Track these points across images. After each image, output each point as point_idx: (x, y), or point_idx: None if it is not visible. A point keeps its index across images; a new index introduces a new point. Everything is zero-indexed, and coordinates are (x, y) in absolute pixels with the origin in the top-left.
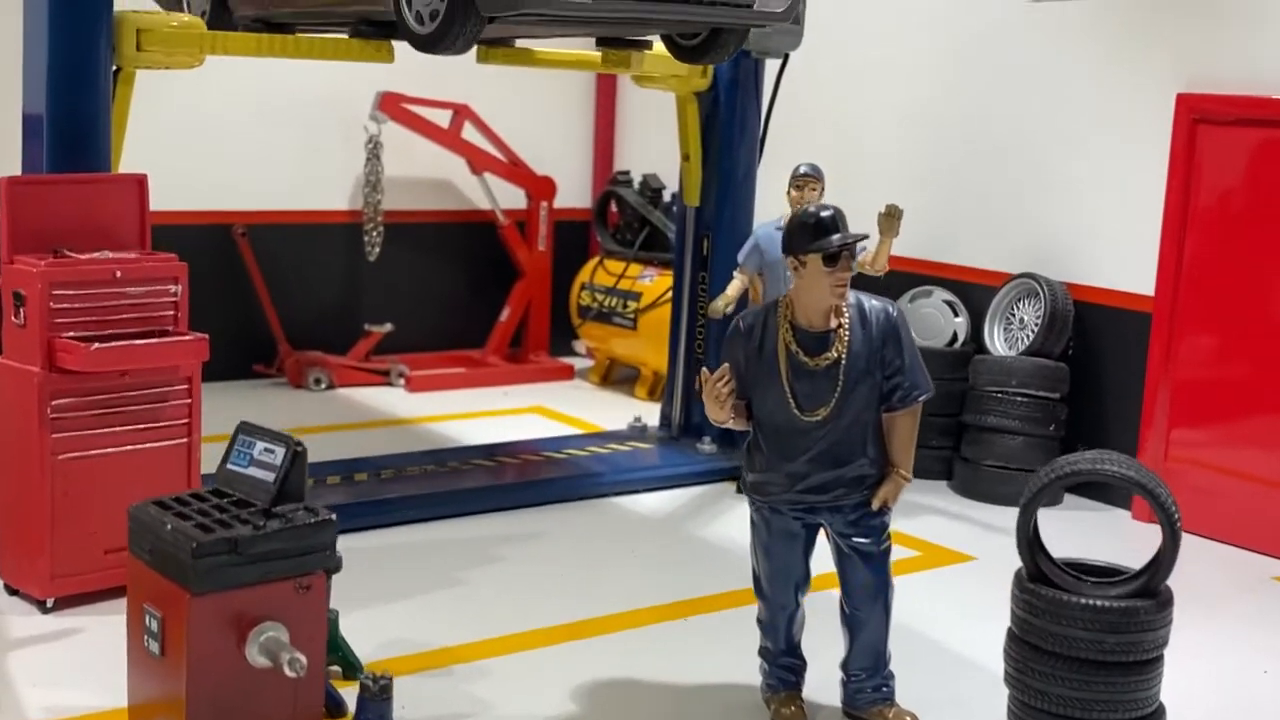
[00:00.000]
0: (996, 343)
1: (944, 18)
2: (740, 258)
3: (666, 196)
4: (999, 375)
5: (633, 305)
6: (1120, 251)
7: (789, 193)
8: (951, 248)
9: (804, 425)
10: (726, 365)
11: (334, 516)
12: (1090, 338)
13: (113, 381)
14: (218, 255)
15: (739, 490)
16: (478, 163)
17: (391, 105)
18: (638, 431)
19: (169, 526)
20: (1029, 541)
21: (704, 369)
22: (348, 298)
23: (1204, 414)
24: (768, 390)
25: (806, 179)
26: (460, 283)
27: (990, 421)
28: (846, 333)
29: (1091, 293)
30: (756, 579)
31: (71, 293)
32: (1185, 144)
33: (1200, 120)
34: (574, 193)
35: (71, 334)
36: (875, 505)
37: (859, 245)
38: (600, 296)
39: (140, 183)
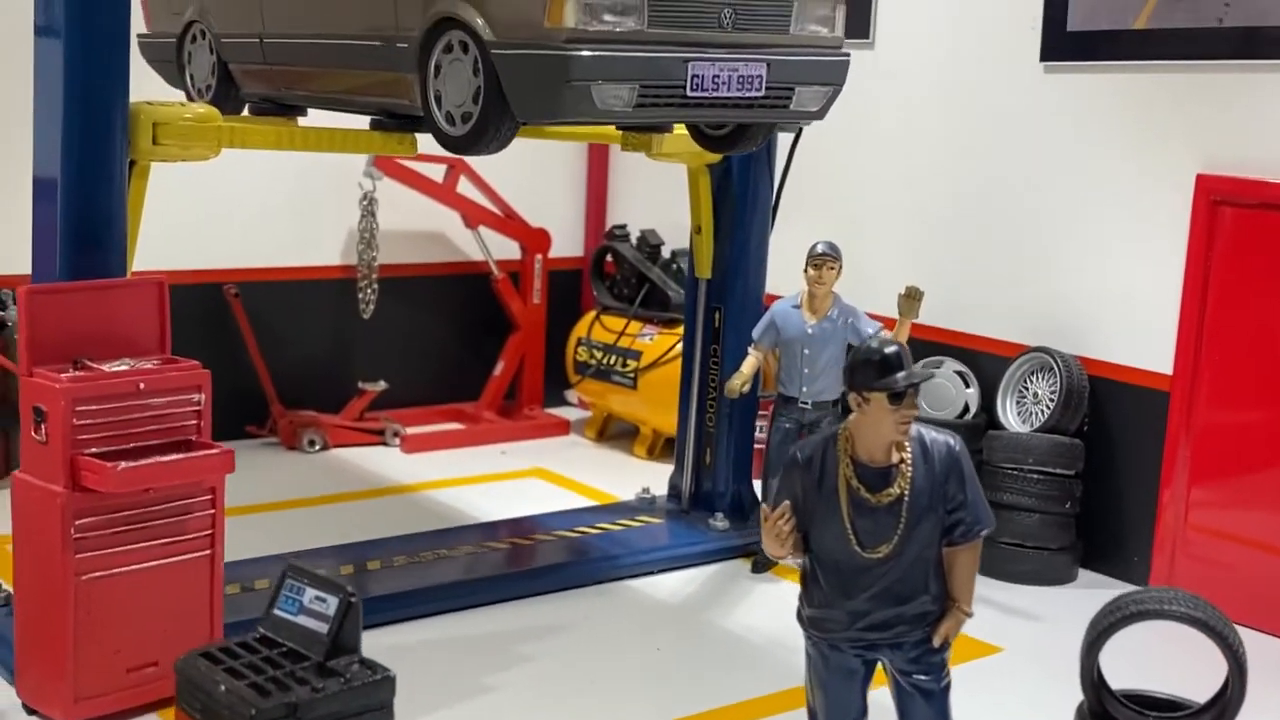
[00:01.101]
0: (1009, 417)
1: (957, 87)
2: (755, 335)
3: (665, 253)
4: (1015, 453)
5: (632, 364)
6: (1136, 328)
7: (806, 271)
8: (962, 317)
9: (865, 562)
10: (787, 504)
11: (393, 674)
12: (1105, 414)
13: (137, 498)
14: (209, 314)
15: (754, 569)
16: (473, 217)
17: (386, 161)
18: (646, 503)
19: (223, 688)
20: (1094, 683)
21: (763, 505)
22: (340, 353)
23: (1222, 495)
24: (827, 525)
25: (824, 258)
26: (453, 335)
27: (1006, 499)
28: (909, 468)
29: (1106, 368)
30: (812, 713)
31: (94, 408)
32: (1205, 225)
33: (1220, 202)
34: (567, 242)
35: (94, 450)
36: (936, 642)
37: (881, 328)
38: (598, 353)
39: (160, 286)
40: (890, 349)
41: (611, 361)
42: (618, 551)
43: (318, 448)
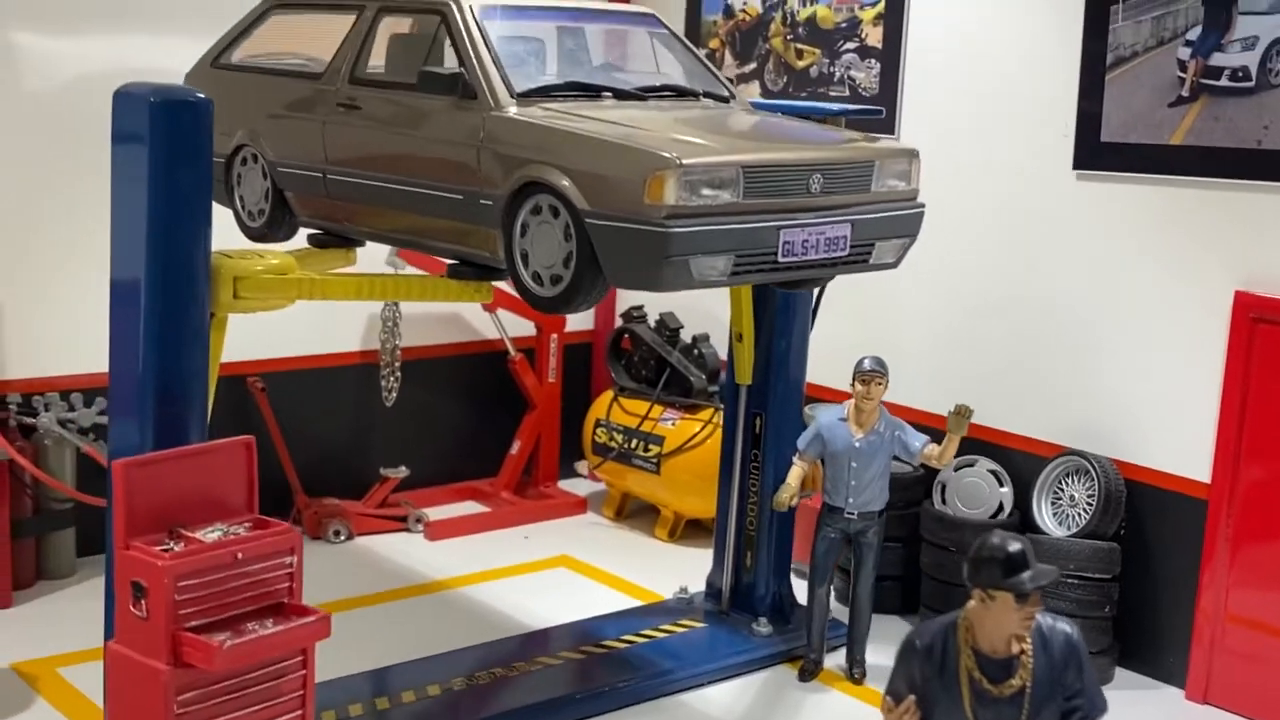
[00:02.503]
0: (1045, 518)
1: (989, 188)
2: (801, 445)
3: (685, 337)
4: (1056, 558)
5: (655, 449)
6: (1172, 434)
7: (853, 386)
8: (995, 415)
9: None
10: (912, 699)
11: None
12: (1141, 518)
13: (235, 668)
14: (234, 407)
15: (801, 677)
16: (493, 300)
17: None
18: (684, 604)
19: None
20: None
21: (886, 696)
22: (359, 438)
23: (1261, 600)
24: (949, 714)
25: (873, 374)
26: (468, 414)
27: (1048, 604)
28: (1030, 659)
29: (1142, 472)
30: None
31: (195, 581)
32: (1244, 341)
33: (1259, 320)
34: (578, 316)
35: (194, 624)
36: None
37: (929, 443)
38: (619, 436)
39: (248, 446)
40: (1014, 547)
41: (633, 445)
42: (668, 665)
43: (343, 538)
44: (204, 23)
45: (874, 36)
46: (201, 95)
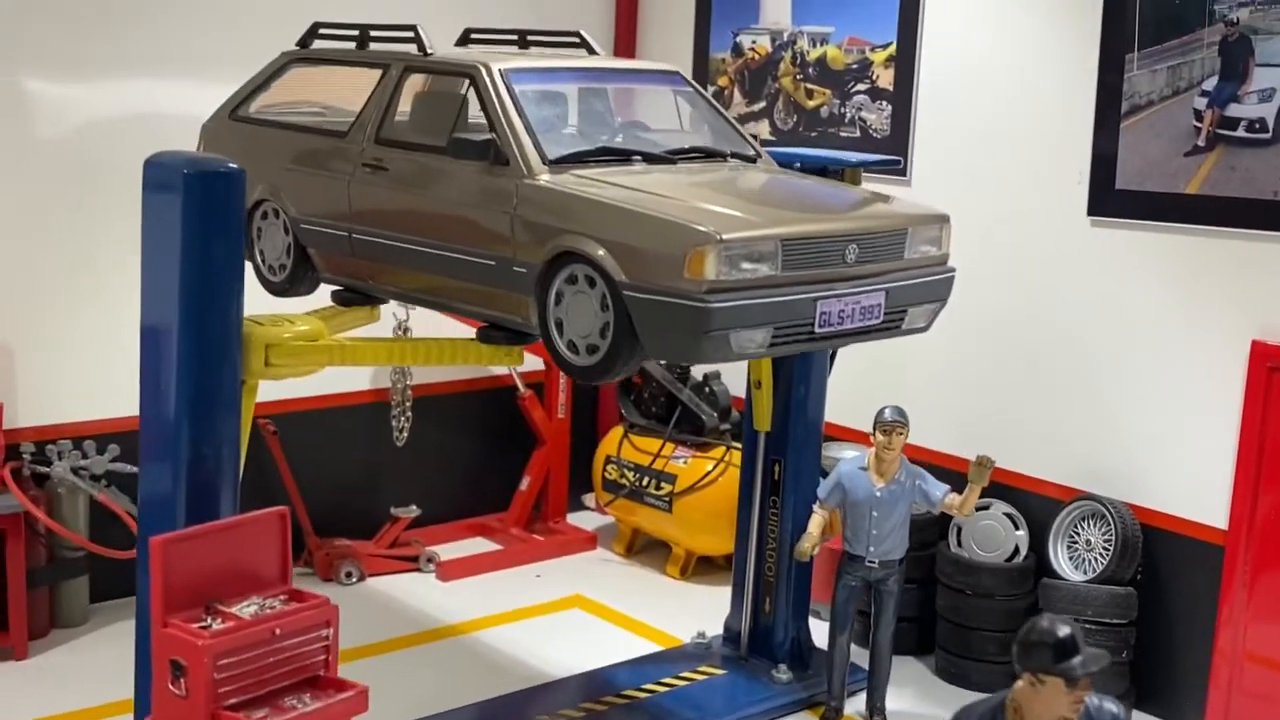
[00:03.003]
0: (1061, 562)
1: (1005, 234)
2: (822, 494)
3: (697, 374)
4: (1074, 604)
5: (667, 487)
6: (1188, 480)
7: (875, 436)
8: (1009, 458)
9: None
10: None
11: None
12: (1157, 562)
13: None
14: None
15: None
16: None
17: None
18: (702, 649)
19: None
20: None
21: None
22: (369, 477)
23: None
24: None
25: (894, 425)
26: (477, 450)
27: None
28: None
29: (1157, 517)
30: None
31: (233, 659)
32: (1260, 390)
33: (1276, 369)
34: None
35: (233, 701)
36: None
37: (950, 492)
38: (630, 474)
39: (282, 518)
40: (1065, 631)
41: (645, 483)
42: (690, 715)
43: (354, 580)
44: (214, 69)
45: (885, 78)
46: (233, 165)
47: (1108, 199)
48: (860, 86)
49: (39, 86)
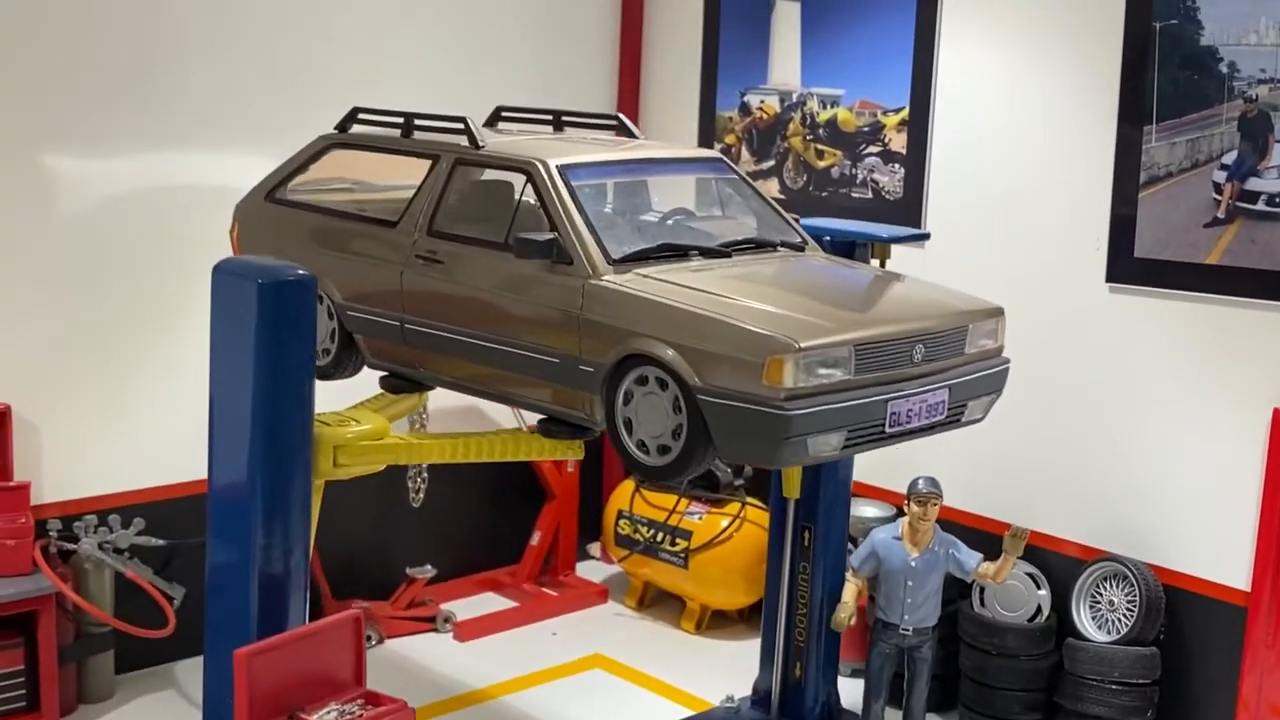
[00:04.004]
0: (1085, 623)
1: (1020, 297)
2: (855, 563)
3: None
4: (1100, 666)
5: (682, 543)
6: (1209, 541)
7: (909, 506)
8: (1031, 517)
9: None
10: None
11: None
12: (1179, 622)
13: None
14: None
15: None
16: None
17: None
18: (732, 713)
19: None
20: None
21: None
22: (383, 536)
23: None
24: None
25: (929, 496)
26: (488, 505)
27: (1092, 710)
28: None
29: (1179, 578)
30: None
31: None
32: None
33: None
34: None
35: None
36: None
37: (983, 561)
38: (643, 529)
39: (356, 620)
40: None
41: (660, 539)
42: None
43: (374, 642)
44: (235, 144)
45: (898, 142)
46: (304, 272)
47: (1127, 267)
48: (872, 149)
49: (62, 161)
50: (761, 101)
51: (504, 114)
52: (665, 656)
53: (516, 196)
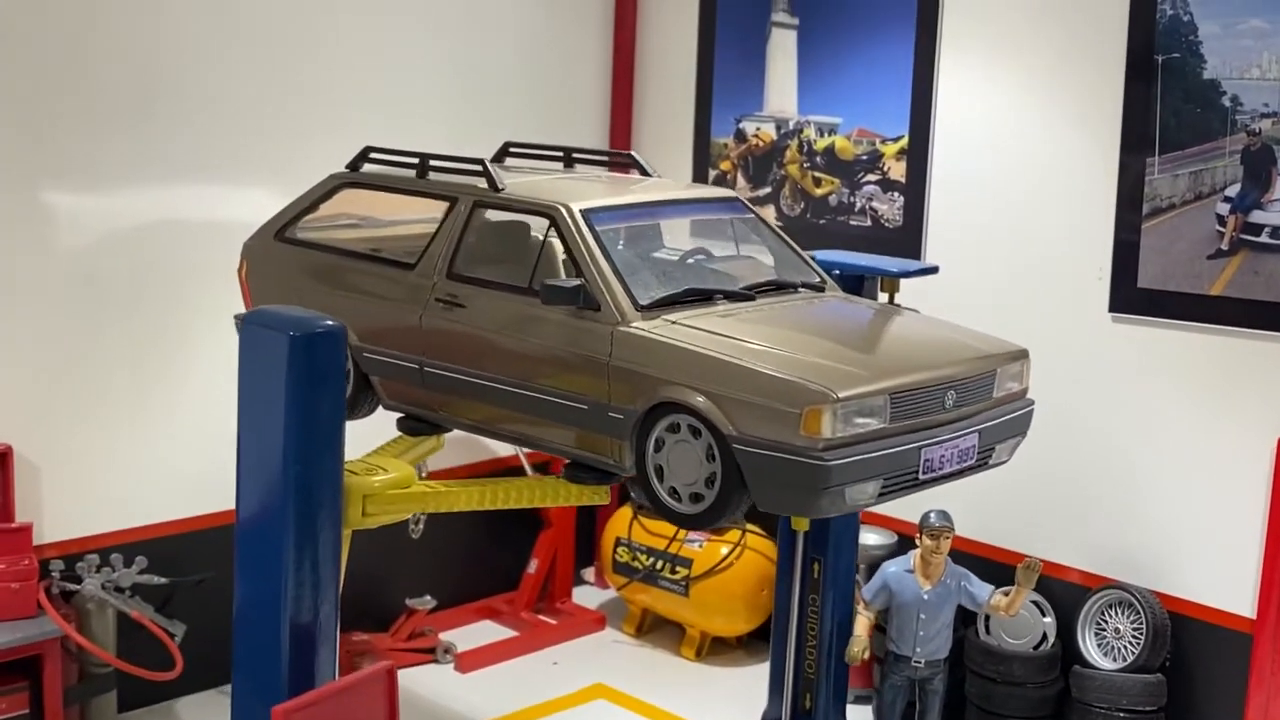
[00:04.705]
0: (1091, 650)
1: (1022, 325)
2: (868, 595)
3: None
4: (1108, 694)
5: (683, 571)
6: (1213, 568)
7: (922, 540)
8: (1035, 545)
9: None
10: None
11: None
12: (1184, 648)
13: None
14: None
15: None
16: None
17: None
18: None
19: None
20: None
21: None
22: (381, 567)
23: None
24: None
25: (941, 530)
26: (485, 533)
27: None
28: None
29: (1184, 605)
30: None
31: None
32: None
33: None
34: None
35: None
36: None
37: (995, 593)
38: (643, 557)
39: (390, 673)
40: None
41: (659, 567)
42: None
43: None
44: (234, 176)
45: (897, 170)
46: (333, 322)
47: (1130, 297)
48: (871, 177)
49: (62, 198)
50: (757, 128)
51: (512, 150)
52: (668, 685)
53: (534, 236)
